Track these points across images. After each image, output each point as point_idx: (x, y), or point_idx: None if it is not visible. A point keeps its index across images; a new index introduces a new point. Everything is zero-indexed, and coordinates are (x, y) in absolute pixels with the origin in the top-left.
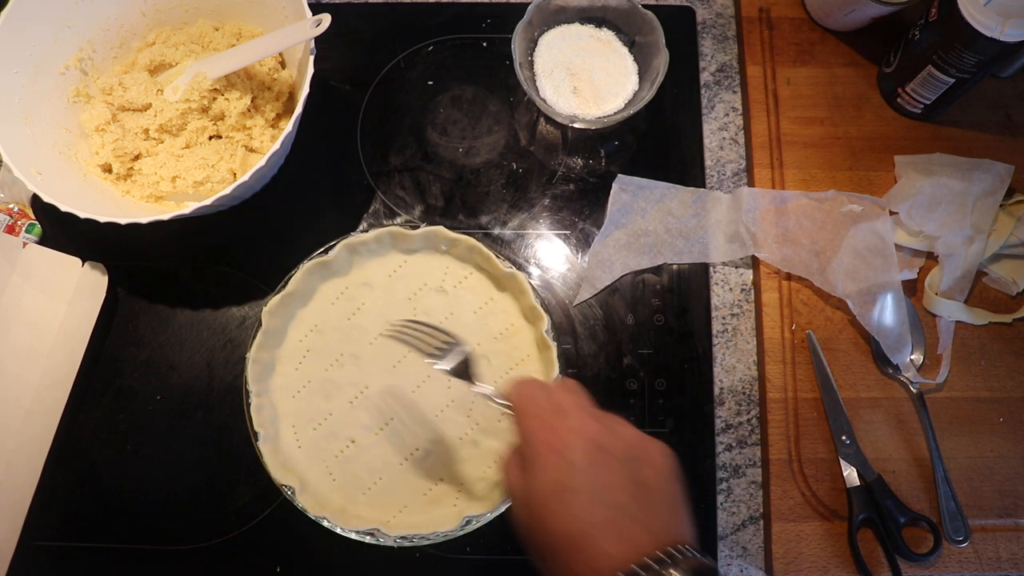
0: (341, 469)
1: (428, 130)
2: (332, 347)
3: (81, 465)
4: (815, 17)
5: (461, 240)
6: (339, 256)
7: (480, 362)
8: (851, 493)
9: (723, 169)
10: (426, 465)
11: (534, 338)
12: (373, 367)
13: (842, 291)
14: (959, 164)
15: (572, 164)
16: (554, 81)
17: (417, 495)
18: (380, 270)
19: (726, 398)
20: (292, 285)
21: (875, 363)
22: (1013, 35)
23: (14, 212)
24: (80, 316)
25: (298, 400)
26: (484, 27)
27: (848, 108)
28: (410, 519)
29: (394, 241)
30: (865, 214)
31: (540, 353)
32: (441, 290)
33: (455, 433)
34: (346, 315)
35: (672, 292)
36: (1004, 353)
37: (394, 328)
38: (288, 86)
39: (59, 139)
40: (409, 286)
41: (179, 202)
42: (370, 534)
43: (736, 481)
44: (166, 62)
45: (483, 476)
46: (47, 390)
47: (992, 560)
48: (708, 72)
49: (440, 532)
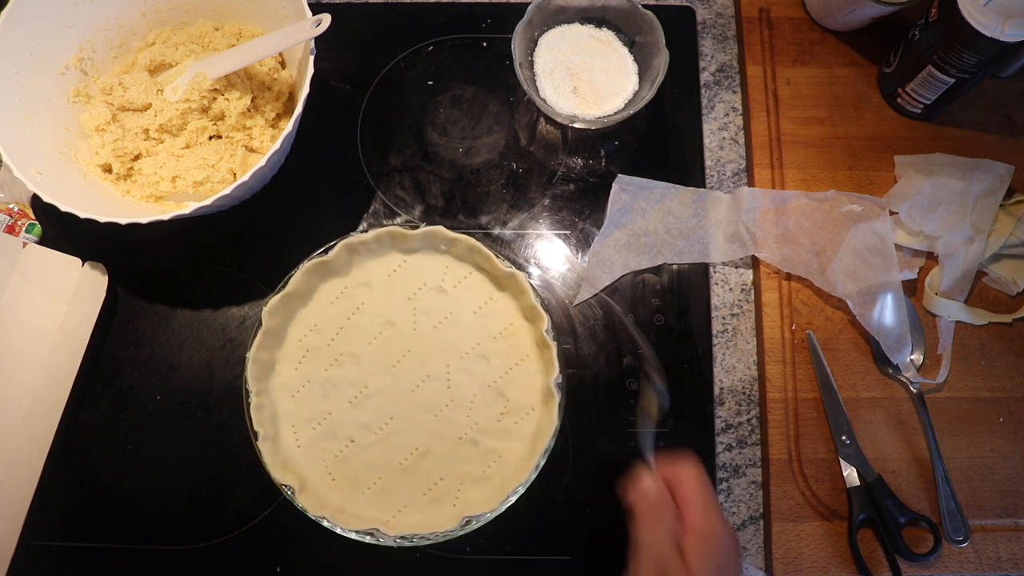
0: (341, 469)
1: (428, 130)
2: (332, 347)
3: (81, 465)
4: (815, 17)
5: (460, 240)
6: (339, 256)
7: (479, 362)
8: (851, 493)
9: (723, 169)
10: (425, 465)
11: (534, 337)
12: (373, 367)
13: (842, 291)
14: (959, 164)
15: (572, 164)
16: (554, 81)
17: (417, 495)
18: (379, 270)
19: (726, 398)
20: (292, 285)
21: (875, 363)
22: (1013, 35)
23: (14, 212)
24: (80, 316)
25: (298, 400)
26: (484, 27)
27: (848, 108)
28: (410, 519)
29: (393, 241)
30: (865, 214)
31: (540, 352)
32: (440, 290)
33: (455, 433)
34: (346, 315)
35: (672, 292)
36: (1004, 353)
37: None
38: (288, 86)
39: (59, 139)
40: (408, 286)
41: (179, 202)
42: (370, 534)
43: (736, 481)
44: (166, 62)
45: (483, 476)
46: (47, 390)
47: (992, 560)
48: (708, 72)
49: (440, 532)
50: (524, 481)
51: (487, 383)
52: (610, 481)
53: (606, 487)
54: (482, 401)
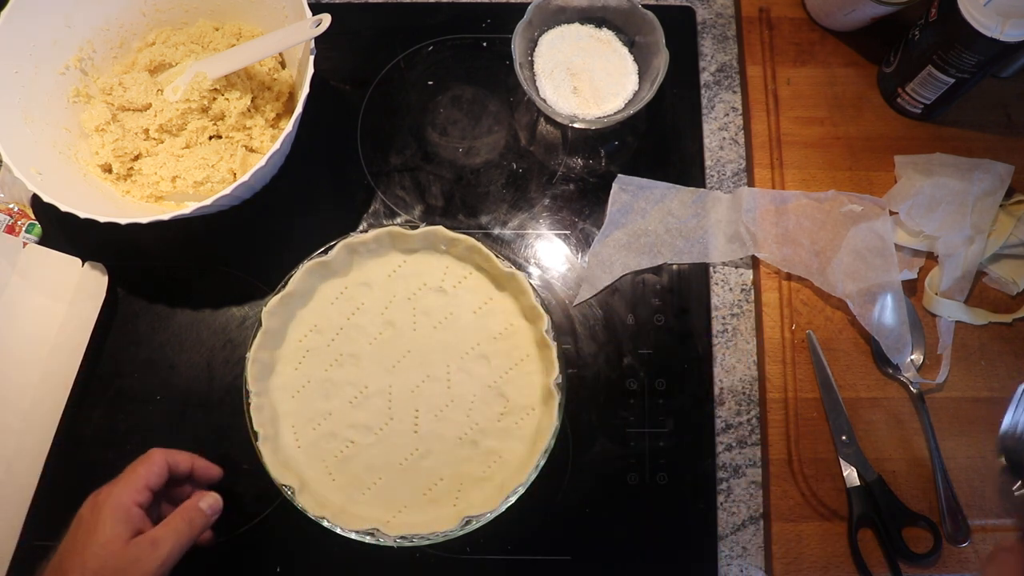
0: (341, 469)
1: (428, 130)
2: (332, 347)
3: (81, 465)
4: (815, 17)
5: (460, 240)
6: (338, 256)
7: (479, 362)
8: (851, 493)
9: (723, 169)
10: (426, 465)
11: (534, 338)
12: (373, 367)
13: (842, 291)
14: (959, 164)
15: (572, 164)
16: (554, 81)
17: (417, 495)
18: (379, 270)
19: (726, 398)
20: (292, 285)
21: (875, 363)
22: (1013, 35)
23: (14, 212)
24: (80, 316)
25: (298, 400)
26: (484, 27)
27: (848, 108)
28: (410, 519)
29: (393, 241)
30: (865, 214)
31: (540, 352)
32: (440, 290)
33: (455, 433)
34: (346, 315)
35: (672, 292)
36: (1004, 353)
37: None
38: (288, 86)
39: (59, 139)
40: (409, 286)
41: (179, 202)
42: (370, 534)
43: (736, 481)
44: (166, 62)
45: (483, 476)
46: (47, 390)
47: None
48: (708, 72)
49: (440, 532)
50: (524, 481)
51: (487, 383)
52: (610, 482)
53: (606, 487)
54: (482, 401)
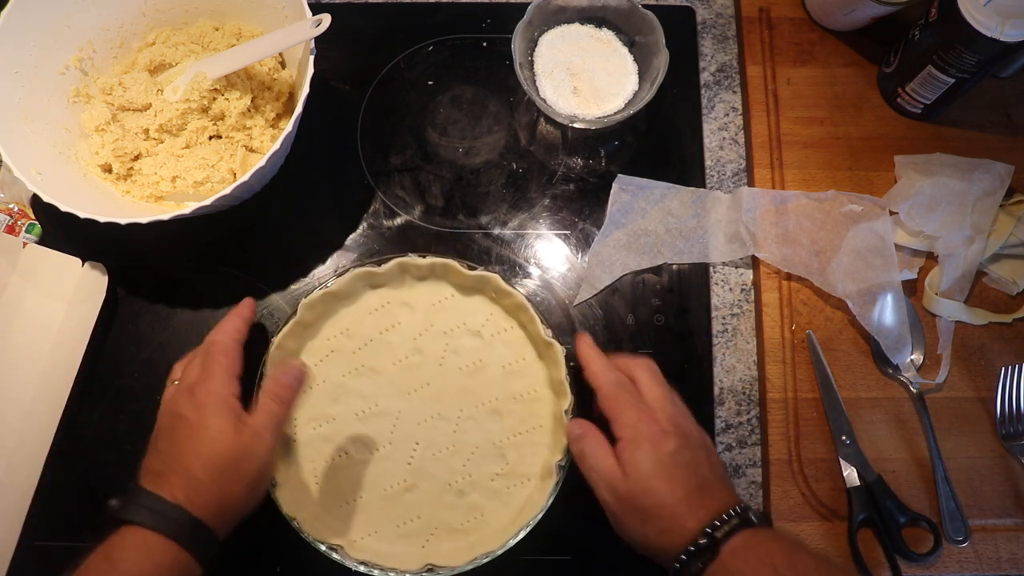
0: (326, 476)
1: (428, 130)
2: (356, 355)
3: (81, 465)
4: (815, 17)
5: (511, 294)
6: (390, 271)
7: (492, 416)
8: (851, 493)
9: (723, 169)
10: (408, 499)
11: (553, 411)
12: (389, 387)
13: (842, 291)
14: (959, 164)
15: (572, 164)
16: (554, 81)
17: (390, 525)
18: (426, 296)
19: (726, 398)
20: (336, 285)
21: (875, 363)
22: (1013, 35)
23: (14, 212)
24: (80, 316)
25: (306, 396)
26: (484, 27)
27: (848, 108)
28: (376, 546)
29: (447, 274)
30: (865, 214)
31: (554, 427)
32: (478, 335)
33: (445, 478)
34: (380, 328)
35: (672, 292)
36: (1004, 353)
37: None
38: (288, 86)
39: (59, 139)
40: (449, 320)
41: (179, 202)
42: (334, 549)
43: (736, 481)
44: (166, 62)
45: (459, 528)
46: (47, 390)
47: (992, 560)
48: (708, 72)
49: (400, 571)
50: (496, 550)
51: (493, 440)
52: None
53: None
54: (482, 455)
